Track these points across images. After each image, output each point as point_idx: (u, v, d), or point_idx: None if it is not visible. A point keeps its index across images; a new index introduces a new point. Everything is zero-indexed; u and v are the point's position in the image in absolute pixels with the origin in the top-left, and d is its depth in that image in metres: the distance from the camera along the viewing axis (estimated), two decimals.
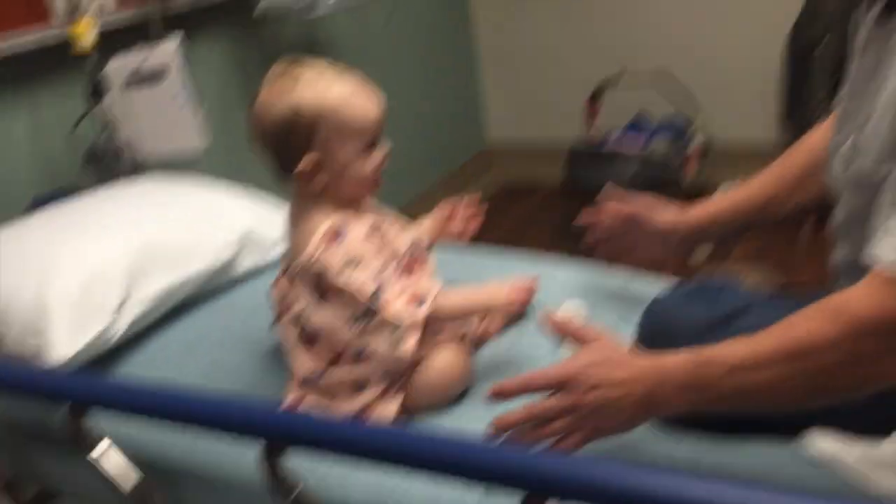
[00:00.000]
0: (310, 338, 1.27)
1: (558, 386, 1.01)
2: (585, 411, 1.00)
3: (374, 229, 1.27)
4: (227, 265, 1.71)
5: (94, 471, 1.24)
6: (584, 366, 1.01)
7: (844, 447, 1.07)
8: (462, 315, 1.33)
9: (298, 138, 1.22)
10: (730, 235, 1.45)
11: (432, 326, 1.26)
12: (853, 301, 0.92)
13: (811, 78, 2.93)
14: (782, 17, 3.15)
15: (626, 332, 1.36)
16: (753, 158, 3.41)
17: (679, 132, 3.28)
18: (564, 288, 1.56)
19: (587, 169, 3.07)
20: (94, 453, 1.17)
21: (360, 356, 1.25)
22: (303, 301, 1.26)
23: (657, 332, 1.18)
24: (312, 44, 2.91)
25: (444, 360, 1.27)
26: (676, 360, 1.00)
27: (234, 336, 1.55)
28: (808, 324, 0.94)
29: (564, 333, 1.09)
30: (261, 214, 1.82)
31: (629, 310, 1.46)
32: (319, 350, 1.27)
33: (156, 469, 1.29)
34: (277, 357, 1.46)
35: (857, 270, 0.97)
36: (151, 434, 1.29)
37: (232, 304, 1.68)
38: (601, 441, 1.04)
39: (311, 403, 1.27)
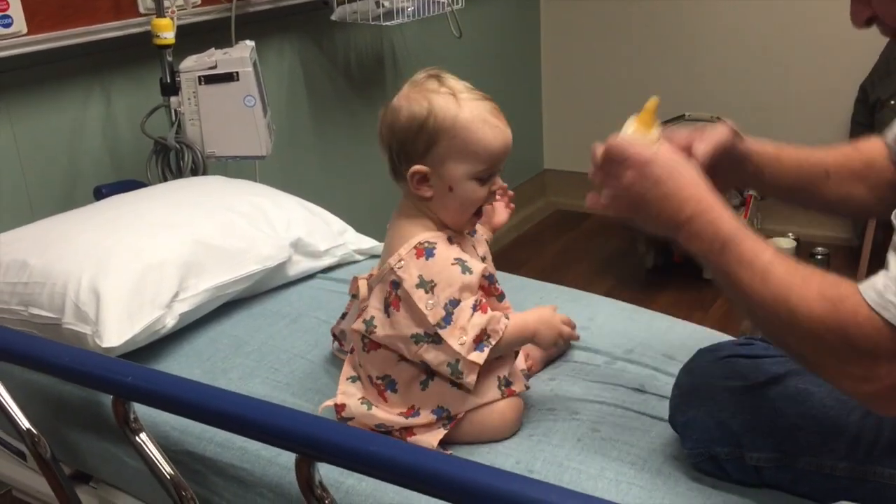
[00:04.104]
0: (372, 346, 1.28)
1: (622, 162, 1.08)
2: (629, 193, 1.08)
3: (462, 259, 1.24)
4: (279, 268, 1.74)
5: (132, 457, 1.27)
6: (653, 163, 1.07)
7: None
8: (512, 348, 1.29)
9: (418, 143, 1.22)
10: (766, 186, 1.37)
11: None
12: (854, 298, 0.94)
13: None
14: (843, 73, 3.13)
15: (671, 370, 1.36)
16: (807, 214, 3.41)
17: None
18: (605, 328, 1.56)
19: None
20: (136, 439, 1.21)
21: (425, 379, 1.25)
22: (372, 309, 1.26)
23: (695, 389, 1.18)
24: (382, 52, 2.96)
25: (498, 414, 1.26)
26: (715, 217, 1.03)
27: (280, 338, 1.58)
28: (812, 287, 0.96)
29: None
30: (315, 223, 1.86)
31: (672, 350, 1.47)
32: (381, 360, 1.28)
33: (189, 461, 1.32)
34: (321, 363, 1.49)
35: None
36: (188, 425, 1.33)
37: (281, 307, 1.71)
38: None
39: (355, 406, 1.28)
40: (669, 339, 1.53)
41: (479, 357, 1.20)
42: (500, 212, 1.50)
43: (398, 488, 1.09)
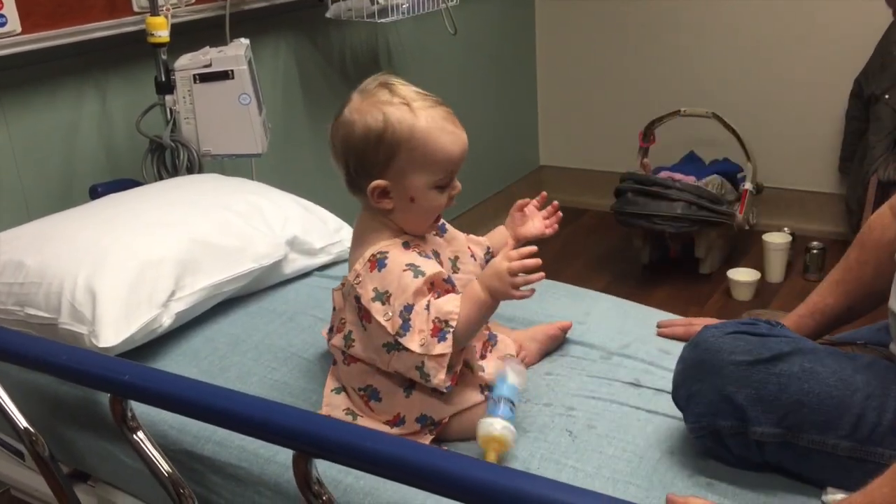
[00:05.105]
0: (352, 360, 1.29)
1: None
2: None
3: (414, 264, 1.22)
4: (275, 266, 1.74)
5: (130, 455, 1.28)
6: None
7: None
8: (479, 323, 1.23)
9: (377, 157, 1.21)
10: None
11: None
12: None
13: (872, 129, 2.91)
14: (838, 68, 3.13)
15: (666, 364, 1.37)
16: (804, 204, 3.42)
17: (730, 174, 3.27)
18: (601, 323, 1.56)
19: (636, 199, 3.06)
20: (134, 437, 1.21)
21: (406, 390, 1.25)
22: (350, 325, 1.27)
23: (701, 362, 1.18)
24: (377, 49, 2.96)
25: (483, 410, 1.25)
26: None
27: (277, 336, 1.58)
28: None
29: None
30: (310, 220, 1.86)
31: (668, 345, 1.47)
32: (360, 372, 1.28)
33: (187, 460, 1.33)
34: (317, 361, 1.50)
35: None
36: (186, 424, 1.33)
37: (277, 305, 1.71)
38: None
39: (340, 418, 1.28)
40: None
41: (444, 347, 1.18)
42: (533, 223, 1.47)
43: (396, 486, 1.09)
